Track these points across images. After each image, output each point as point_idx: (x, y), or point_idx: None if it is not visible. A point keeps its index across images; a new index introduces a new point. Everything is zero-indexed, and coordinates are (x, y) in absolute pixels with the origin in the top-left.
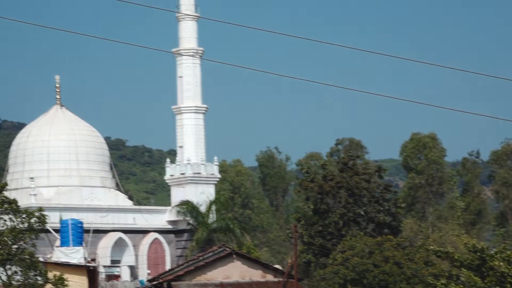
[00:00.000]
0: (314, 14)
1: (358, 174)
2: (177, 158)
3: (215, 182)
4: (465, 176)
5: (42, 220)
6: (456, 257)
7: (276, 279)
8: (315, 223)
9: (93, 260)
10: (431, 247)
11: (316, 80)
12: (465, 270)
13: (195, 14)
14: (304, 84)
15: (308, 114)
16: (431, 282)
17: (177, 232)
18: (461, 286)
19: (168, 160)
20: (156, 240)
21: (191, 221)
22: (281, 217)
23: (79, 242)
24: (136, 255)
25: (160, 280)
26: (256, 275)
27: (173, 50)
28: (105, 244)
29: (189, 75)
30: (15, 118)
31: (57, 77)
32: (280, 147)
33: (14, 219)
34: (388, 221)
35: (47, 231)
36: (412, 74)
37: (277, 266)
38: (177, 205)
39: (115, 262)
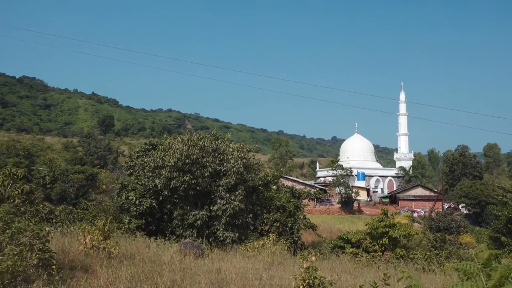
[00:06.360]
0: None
1: None
2: (398, 152)
3: (411, 160)
4: None
5: (350, 171)
6: None
7: (435, 195)
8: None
9: (368, 186)
10: None
11: None
12: None
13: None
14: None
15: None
16: None
17: (397, 177)
18: None
19: (395, 152)
20: (390, 180)
21: (403, 173)
22: (439, 172)
23: (363, 179)
24: (383, 185)
25: (392, 193)
26: (427, 193)
27: (397, 113)
28: (372, 181)
29: (402, 122)
30: (341, 136)
31: (356, 124)
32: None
33: (341, 171)
34: None
35: (352, 175)
36: None
37: (435, 190)
38: (398, 168)
39: (375, 187)
